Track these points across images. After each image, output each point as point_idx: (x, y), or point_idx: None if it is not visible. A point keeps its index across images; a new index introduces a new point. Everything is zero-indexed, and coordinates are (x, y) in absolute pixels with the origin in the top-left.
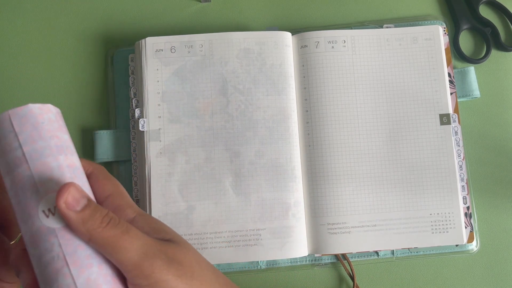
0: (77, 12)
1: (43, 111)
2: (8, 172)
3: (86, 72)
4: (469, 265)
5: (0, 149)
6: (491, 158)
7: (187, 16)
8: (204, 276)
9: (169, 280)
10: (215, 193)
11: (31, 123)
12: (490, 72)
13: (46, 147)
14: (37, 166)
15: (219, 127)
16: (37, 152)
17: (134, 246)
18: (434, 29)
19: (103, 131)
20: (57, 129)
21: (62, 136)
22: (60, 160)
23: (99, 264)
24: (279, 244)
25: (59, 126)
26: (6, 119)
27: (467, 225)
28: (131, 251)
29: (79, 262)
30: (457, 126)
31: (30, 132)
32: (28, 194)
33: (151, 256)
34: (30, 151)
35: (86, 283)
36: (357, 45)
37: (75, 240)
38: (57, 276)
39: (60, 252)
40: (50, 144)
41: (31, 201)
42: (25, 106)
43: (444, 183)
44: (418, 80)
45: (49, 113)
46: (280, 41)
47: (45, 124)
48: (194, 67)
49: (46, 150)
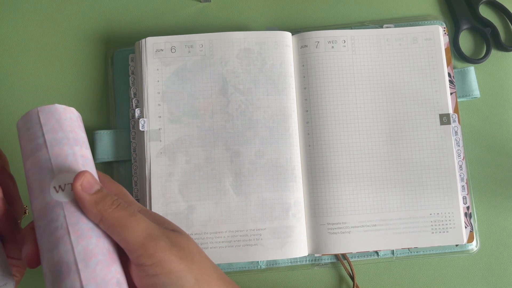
0: (77, 12)
1: (66, 111)
2: (30, 156)
3: (86, 72)
4: (469, 265)
5: (26, 137)
6: (491, 158)
7: (187, 16)
8: (204, 264)
9: (172, 261)
10: (215, 193)
11: (55, 118)
12: (490, 72)
13: (64, 137)
14: (55, 151)
15: (219, 127)
16: (56, 141)
17: (140, 227)
18: (434, 29)
19: (103, 131)
20: (76, 127)
21: (80, 133)
22: (75, 149)
23: (97, 237)
24: (279, 244)
25: (78, 125)
26: (35, 113)
27: (467, 225)
28: (137, 231)
29: (79, 233)
30: (457, 126)
31: (53, 124)
32: (44, 173)
33: (155, 237)
34: (50, 139)
35: (83, 251)
36: (357, 45)
37: (79, 214)
38: (58, 243)
39: (64, 222)
40: (68, 136)
41: (45, 179)
42: (52, 105)
43: (444, 183)
44: (418, 80)
45: (71, 114)
46: (280, 41)
47: (66, 121)
48: (194, 67)
49: (64, 140)
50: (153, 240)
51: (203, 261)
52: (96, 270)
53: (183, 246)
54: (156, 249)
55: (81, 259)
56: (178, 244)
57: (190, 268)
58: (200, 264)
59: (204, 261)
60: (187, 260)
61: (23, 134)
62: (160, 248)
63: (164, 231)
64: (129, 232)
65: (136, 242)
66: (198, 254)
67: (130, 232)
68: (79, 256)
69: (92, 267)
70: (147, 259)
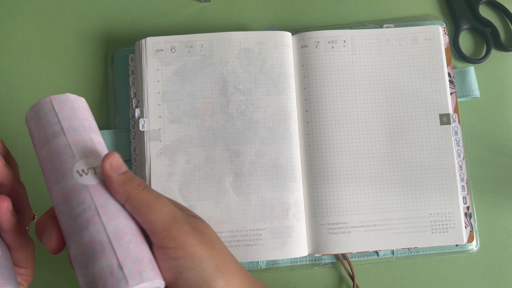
0: (77, 12)
1: (78, 100)
2: (46, 143)
3: (86, 72)
4: (469, 265)
5: (40, 125)
6: (491, 158)
7: (187, 16)
8: (223, 251)
9: (194, 245)
10: (215, 193)
11: (69, 106)
12: (490, 72)
13: (80, 125)
14: (73, 137)
15: (219, 127)
16: (73, 128)
17: (165, 210)
18: (434, 29)
19: (103, 131)
20: (88, 115)
21: (92, 122)
22: (92, 136)
23: (125, 218)
24: (279, 244)
25: (89, 114)
26: (48, 102)
27: (467, 225)
28: (162, 213)
29: (108, 213)
30: (457, 126)
31: (68, 112)
32: (64, 158)
33: (179, 221)
34: (67, 126)
35: (114, 230)
36: (357, 45)
37: (106, 195)
38: (88, 224)
39: (92, 204)
40: (83, 124)
41: (66, 164)
42: (64, 94)
43: (444, 183)
44: (418, 80)
45: (82, 103)
46: (280, 41)
47: (79, 109)
48: (194, 67)
49: (81, 127)
50: (177, 223)
51: (222, 248)
52: (130, 248)
53: (204, 232)
54: (180, 232)
55: (114, 237)
56: (199, 229)
57: (211, 254)
58: (220, 250)
59: (223, 248)
60: (208, 246)
61: (35, 123)
62: (184, 231)
63: (186, 216)
64: (155, 214)
65: (160, 224)
66: (217, 241)
67: (156, 214)
68: (111, 234)
69: (125, 245)
70: (170, 242)
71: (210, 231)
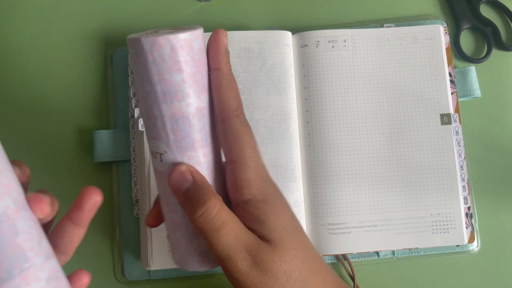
0: (76, 11)
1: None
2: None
3: (85, 71)
4: (469, 266)
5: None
6: (492, 158)
7: (187, 15)
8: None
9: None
10: None
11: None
12: (491, 72)
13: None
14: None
15: None
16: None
17: (220, 244)
18: (434, 28)
19: (102, 131)
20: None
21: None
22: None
23: (182, 213)
24: None
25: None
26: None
27: (468, 225)
28: (218, 246)
29: (168, 206)
30: (458, 126)
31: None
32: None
33: (235, 254)
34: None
35: (171, 223)
36: (358, 44)
37: (168, 187)
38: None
39: (161, 192)
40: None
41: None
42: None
43: (444, 183)
44: (419, 80)
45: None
46: (280, 41)
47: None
48: None
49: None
50: (232, 258)
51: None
52: (180, 241)
53: (267, 267)
54: (235, 267)
55: (170, 229)
56: (263, 264)
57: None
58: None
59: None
60: (267, 285)
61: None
62: (239, 267)
63: (251, 245)
64: (211, 244)
65: (218, 256)
66: (285, 277)
67: (211, 244)
68: (167, 225)
69: (177, 237)
70: (226, 273)
71: (277, 265)
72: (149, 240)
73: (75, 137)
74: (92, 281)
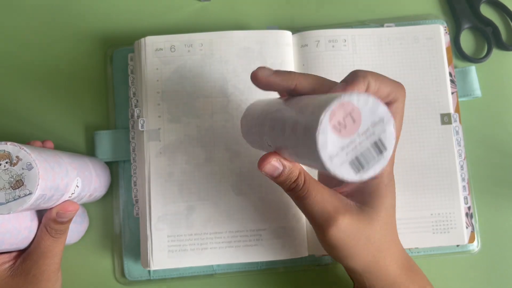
0: (76, 11)
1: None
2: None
3: (85, 71)
4: (470, 266)
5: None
6: (492, 158)
7: (187, 15)
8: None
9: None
10: (215, 193)
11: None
12: (491, 72)
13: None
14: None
15: (219, 127)
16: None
17: (311, 208)
18: (435, 28)
19: (102, 131)
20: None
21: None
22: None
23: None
24: (280, 245)
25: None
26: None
27: (468, 225)
28: (311, 212)
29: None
30: (458, 126)
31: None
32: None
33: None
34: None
35: None
36: (358, 44)
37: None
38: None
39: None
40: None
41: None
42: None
43: (445, 183)
44: (419, 80)
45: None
46: (280, 40)
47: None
48: (194, 66)
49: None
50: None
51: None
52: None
53: (346, 238)
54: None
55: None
56: (348, 230)
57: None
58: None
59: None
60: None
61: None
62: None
63: (344, 211)
64: (304, 210)
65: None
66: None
67: (304, 211)
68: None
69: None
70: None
71: (358, 232)
72: (149, 240)
73: (75, 138)
74: (92, 281)
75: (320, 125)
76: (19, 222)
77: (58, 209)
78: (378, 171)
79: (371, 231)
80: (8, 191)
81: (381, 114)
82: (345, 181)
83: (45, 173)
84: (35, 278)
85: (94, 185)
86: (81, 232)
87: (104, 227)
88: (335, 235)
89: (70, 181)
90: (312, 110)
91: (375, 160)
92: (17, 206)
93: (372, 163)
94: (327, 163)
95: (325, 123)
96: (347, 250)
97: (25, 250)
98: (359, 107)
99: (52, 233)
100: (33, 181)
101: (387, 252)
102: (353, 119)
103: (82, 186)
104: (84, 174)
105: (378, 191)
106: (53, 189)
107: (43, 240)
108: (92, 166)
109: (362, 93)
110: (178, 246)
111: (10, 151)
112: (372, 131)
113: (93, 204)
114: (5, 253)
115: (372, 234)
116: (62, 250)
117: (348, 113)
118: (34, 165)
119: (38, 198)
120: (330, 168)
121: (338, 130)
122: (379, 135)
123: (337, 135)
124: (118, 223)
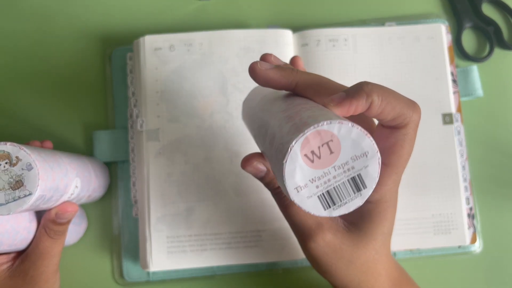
0: (74, 11)
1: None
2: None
3: (84, 71)
4: (471, 266)
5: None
6: (494, 158)
7: (186, 14)
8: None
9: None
10: (214, 194)
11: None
12: (493, 71)
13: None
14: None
15: (218, 127)
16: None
17: (294, 218)
18: (436, 27)
19: (101, 131)
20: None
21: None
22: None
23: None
24: (280, 246)
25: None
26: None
27: (469, 226)
28: (292, 222)
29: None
30: (459, 126)
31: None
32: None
33: (321, 230)
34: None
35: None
36: (359, 43)
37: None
38: None
39: None
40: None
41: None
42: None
43: (446, 183)
44: (420, 79)
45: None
46: (280, 40)
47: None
48: (193, 65)
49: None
50: (318, 233)
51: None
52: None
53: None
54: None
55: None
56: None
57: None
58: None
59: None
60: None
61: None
62: (325, 239)
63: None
64: (291, 219)
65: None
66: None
67: (291, 220)
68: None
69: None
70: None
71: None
72: (148, 241)
73: (73, 137)
74: (91, 282)
75: (289, 152)
76: (17, 223)
77: (57, 210)
78: (352, 209)
79: (356, 254)
80: (8, 192)
81: (366, 147)
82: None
83: (44, 174)
84: (33, 279)
85: (93, 186)
86: (80, 233)
87: (103, 228)
88: (314, 249)
89: (70, 182)
90: (289, 130)
91: (350, 197)
92: (17, 207)
93: (345, 201)
94: (292, 194)
95: (295, 151)
96: (326, 266)
97: (23, 251)
98: (339, 137)
99: (51, 234)
100: (33, 181)
101: (372, 277)
102: (331, 149)
103: (81, 186)
104: (83, 175)
105: (378, 213)
106: (52, 190)
107: (42, 241)
108: (91, 167)
109: (345, 122)
110: (177, 247)
111: (10, 152)
112: (351, 165)
113: (92, 204)
114: (3, 254)
115: (356, 256)
116: (60, 251)
117: (326, 142)
118: (34, 165)
119: (37, 198)
120: (295, 200)
121: (311, 160)
122: (359, 171)
123: (308, 166)
124: (117, 224)
